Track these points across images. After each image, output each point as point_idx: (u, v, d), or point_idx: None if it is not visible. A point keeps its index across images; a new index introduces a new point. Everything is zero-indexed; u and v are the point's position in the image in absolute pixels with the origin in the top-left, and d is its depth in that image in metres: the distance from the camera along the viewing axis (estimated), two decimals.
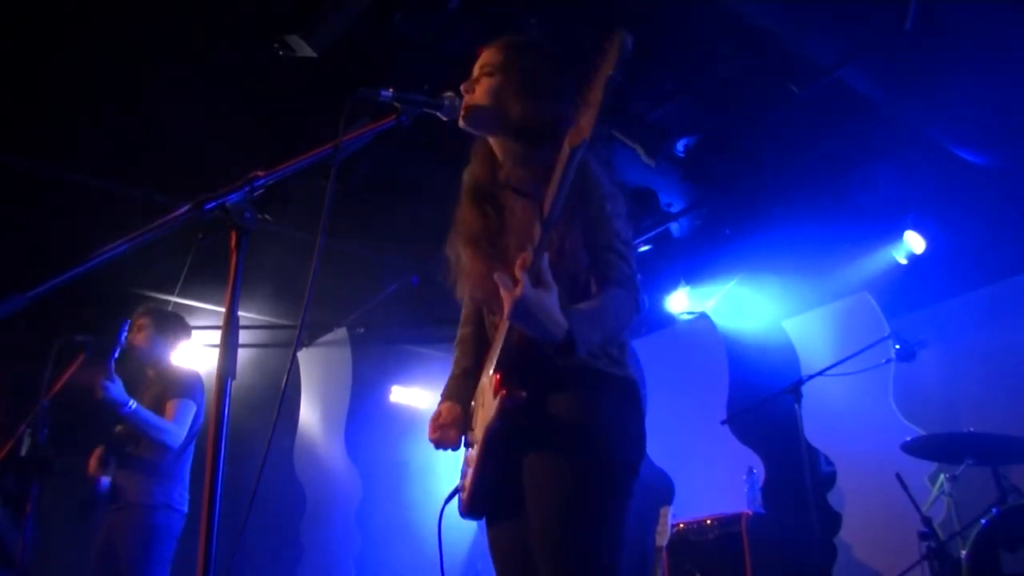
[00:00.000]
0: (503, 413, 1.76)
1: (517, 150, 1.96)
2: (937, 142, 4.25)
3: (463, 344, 2.16)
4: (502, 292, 1.61)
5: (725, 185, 4.91)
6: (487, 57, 2.00)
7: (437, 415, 2.03)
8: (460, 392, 2.06)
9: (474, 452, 1.90)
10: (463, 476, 1.97)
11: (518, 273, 1.59)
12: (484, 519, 1.98)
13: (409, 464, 6.32)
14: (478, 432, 1.87)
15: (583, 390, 1.81)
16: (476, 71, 2.00)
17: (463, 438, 2.00)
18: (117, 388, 3.56)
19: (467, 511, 1.96)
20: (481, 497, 1.92)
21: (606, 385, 1.83)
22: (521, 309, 1.59)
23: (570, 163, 1.59)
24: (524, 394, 1.75)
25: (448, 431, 2.00)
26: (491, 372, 1.82)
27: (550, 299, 1.61)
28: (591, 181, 1.84)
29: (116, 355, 3.61)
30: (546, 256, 1.62)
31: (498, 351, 1.80)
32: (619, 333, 1.84)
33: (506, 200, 1.95)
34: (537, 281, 1.60)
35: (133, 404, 3.58)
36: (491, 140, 2.03)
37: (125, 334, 3.68)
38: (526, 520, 1.79)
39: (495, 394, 1.77)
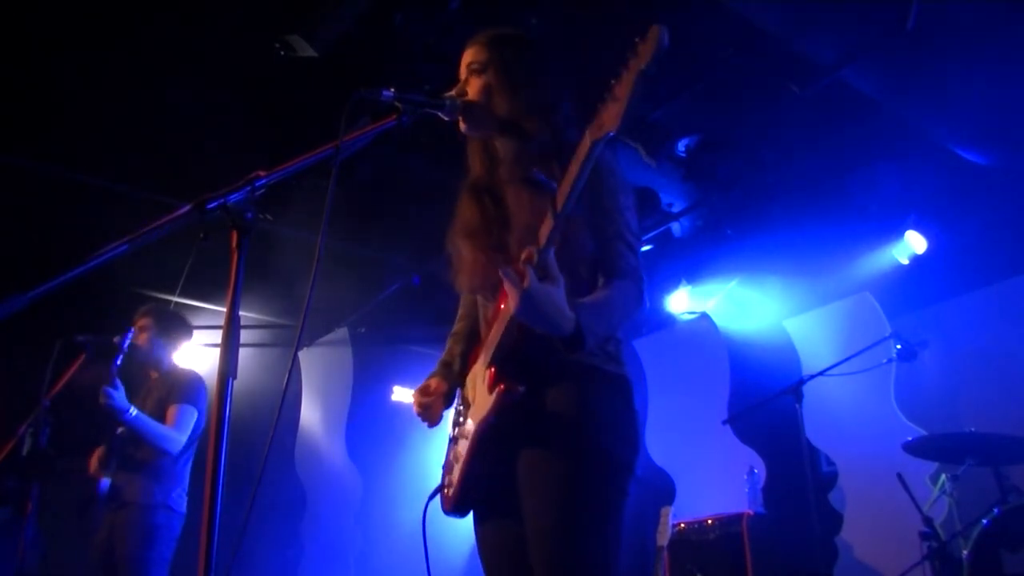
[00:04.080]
0: (500, 408, 1.73)
1: (514, 145, 1.95)
2: (939, 142, 4.25)
3: (456, 336, 2.16)
4: (507, 288, 1.59)
5: (726, 185, 4.91)
6: (473, 55, 1.98)
7: (425, 386, 2.02)
8: (449, 374, 2.06)
9: (462, 447, 1.87)
10: (447, 471, 1.94)
11: (523, 268, 1.57)
12: (473, 517, 1.95)
13: (410, 464, 6.32)
14: (469, 427, 1.84)
15: (577, 386, 1.78)
16: (464, 70, 1.98)
17: (449, 435, 1.99)
18: (120, 396, 3.56)
19: (452, 508, 1.92)
20: (469, 493, 1.89)
21: (600, 382, 1.80)
22: (528, 304, 1.56)
23: (589, 156, 1.57)
24: (522, 388, 1.72)
25: (434, 403, 1.98)
26: (485, 366, 1.79)
27: (558, 293, 1.59)
28: (604, 171, 1.83)
29: (119, 362, 3.61)
30: (552, 249, 1.60)
31: (494, 345, 1.77)
32: (622, 325, 1.82)
33: (507, 195, 1.94)
34: (544, 275, 1.58)
35: (134, 411, 3.59)
36: (488, 139, 2.02)
37: (129, 341, 3.67)
38: (519, 518, 1.76)
39: (491, 389, 1.74)
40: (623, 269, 1.78)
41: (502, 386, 1.72)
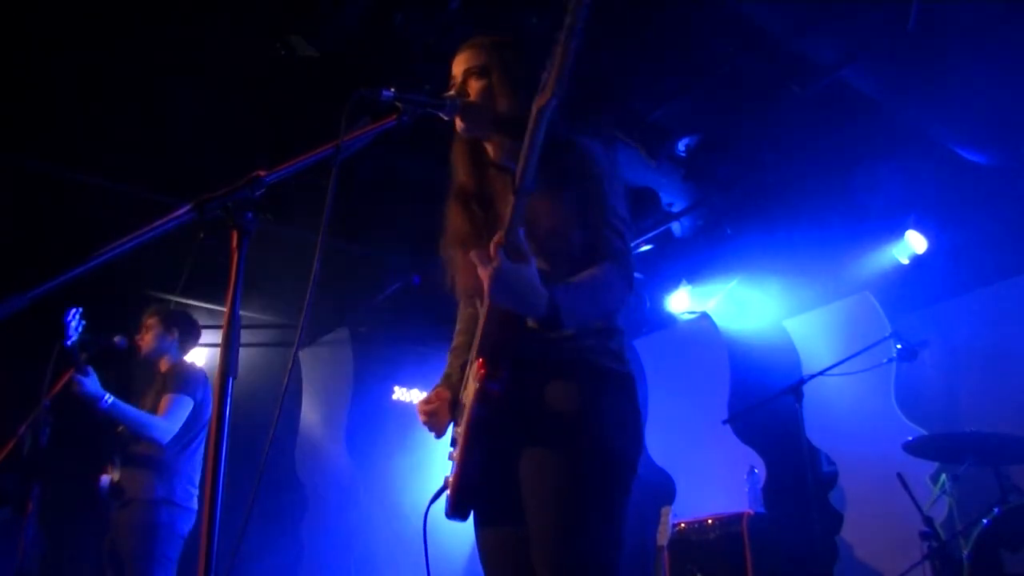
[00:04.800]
0: (484, 396, 1.72)
1: (510, 145, 1.95)
2: (939, 141, 4.25)
3: (456, 350, 2.15)
4: (479, 271, 1.59)
5: (726, 185, 4.91)
6: (469, 60, 1.98)
7: (428, 397, 2.02)
8: (451, 385, 2.06)
9: (458, 447, 1.86)
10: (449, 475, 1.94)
11: (493, 250, 1.58)
12: (473, 520, 1.92)
13: (410, 464, 6.32)
14: (461, 426, 1.84)
15: (581, 384, 1.77)
16: (459, 75, 1.98)
17: (451, 436, 1.98)
18: (91, 382, 3.54)
19: (452, 510, 1.89)
20: (466, 494, 1.86)
21: (605, 380, 1.80)
22: (499, 283, 1.57)
23: (537, 126, 1.58)
24: (504, 373, 1.71)
25: (438, 412, 1.98)
26: (473, 360, 1.78)
27: (529, 271, 1.60)
28: (587, 158, 1.84)
29: (73, 343, 3.52)
30: (521, 231, 1.60)
31: (479, 337, 1.77)
32: (611, 309, 1.82)
33: (495, 197, 1.95)
34: (515, 255, 1.59)
35: (109, 399, 3.57)
36: (483, 140, 2.02)
37: (71, 321, 3.57)
38: (519, 521, 1.75)
39: (475, 377, 1.74)
40: (607, 252, 1.78)
41: (483, 371, 1.71)
